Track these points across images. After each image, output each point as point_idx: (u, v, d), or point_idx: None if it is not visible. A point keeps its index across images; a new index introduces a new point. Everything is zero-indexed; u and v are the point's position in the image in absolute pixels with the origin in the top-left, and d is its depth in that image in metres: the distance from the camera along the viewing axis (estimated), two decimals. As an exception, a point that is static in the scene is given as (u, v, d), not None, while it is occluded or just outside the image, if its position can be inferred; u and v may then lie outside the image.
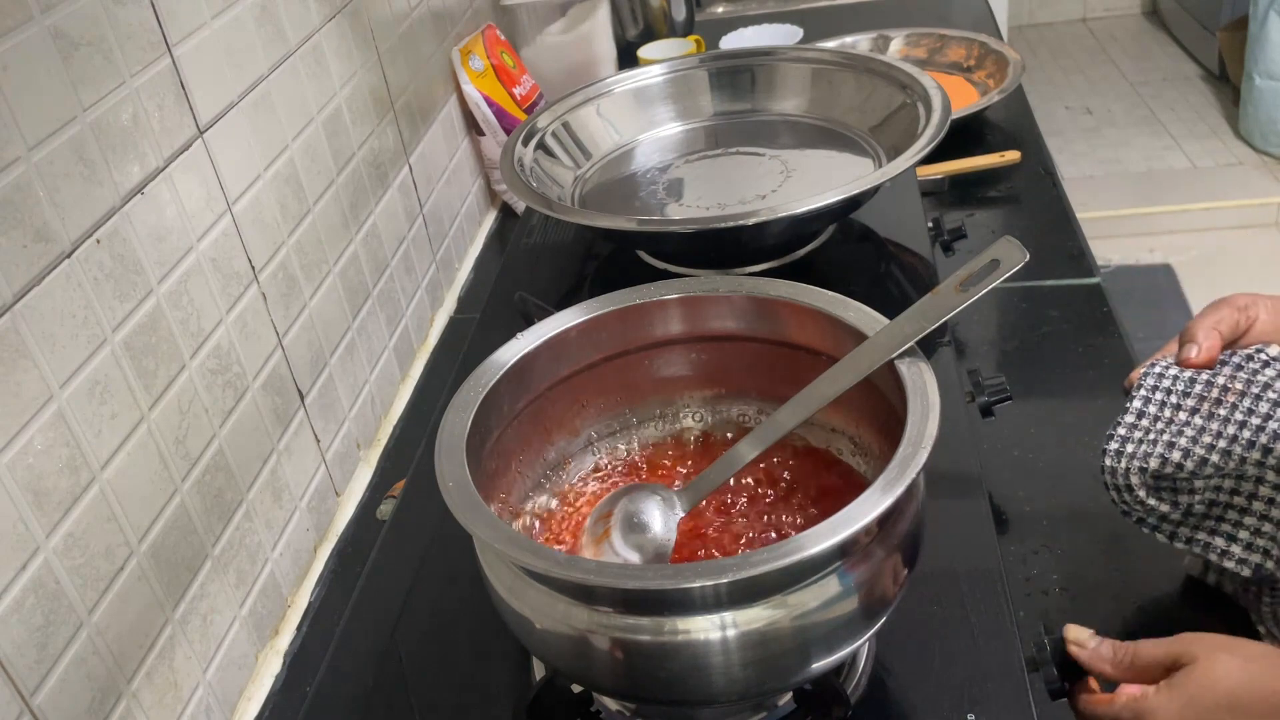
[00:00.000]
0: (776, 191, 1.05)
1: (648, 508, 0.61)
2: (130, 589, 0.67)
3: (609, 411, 0.72)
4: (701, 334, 0.70)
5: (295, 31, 0.91)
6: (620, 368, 0.70)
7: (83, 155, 0.65)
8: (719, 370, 0.72)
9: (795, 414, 0.61)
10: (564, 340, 0.68)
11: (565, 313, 0.68)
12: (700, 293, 0.68)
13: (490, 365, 0.65)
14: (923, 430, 0.54)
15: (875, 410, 0.63)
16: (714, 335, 0.70)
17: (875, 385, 0.61)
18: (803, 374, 0.62)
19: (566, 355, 0.68)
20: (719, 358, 0.71)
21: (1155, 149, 2.98)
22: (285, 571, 0.85)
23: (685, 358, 0.72)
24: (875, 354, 0.60)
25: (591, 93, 1.19)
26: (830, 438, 0.70)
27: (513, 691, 0.67)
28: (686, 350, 0.71)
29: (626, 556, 0.60)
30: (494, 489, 0.64)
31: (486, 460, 0.63)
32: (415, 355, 1.13)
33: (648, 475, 0.71)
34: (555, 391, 0.69)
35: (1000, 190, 1.23)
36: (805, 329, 0.67)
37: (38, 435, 0.60)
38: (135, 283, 0.69)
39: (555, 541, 0.67)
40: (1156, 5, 3.78)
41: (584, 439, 0.72)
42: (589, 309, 0.68)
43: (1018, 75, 1.34)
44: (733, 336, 0.70)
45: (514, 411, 0.66)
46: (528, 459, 0.69)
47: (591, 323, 0.68)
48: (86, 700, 0.63)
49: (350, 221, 0.99)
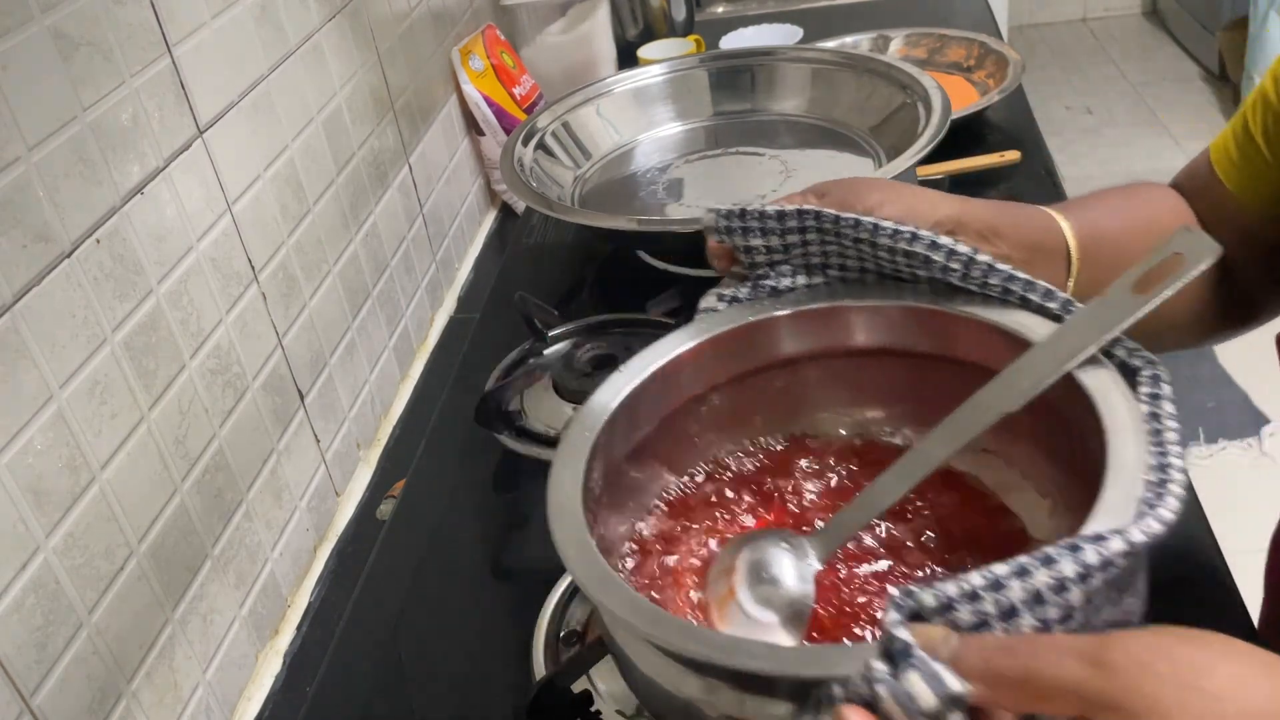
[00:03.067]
0: (776, 191, 1.05)
1: (775, 558, 0.52)
2: (130, 589, 0.67)
3: (728, 440, 0.63)
4: (830, 349, 0.61)
5: (295, 31, 0.91)
6: (738, 392, 0.62)
7: (83, 155, 0.65)
8: (853, 390, 0.62)
9: (949, 441, 0.51)
10: (676, 368, 0.59)
11: (674, 336, 0.60)
12: (821, 305, 0.60)
13: (594, 408, 0.56)
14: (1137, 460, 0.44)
15: (1043, 430, 0.54)
16: (845, 350, 0.61)
17: (1047, 403, 0.51)
18: (953, 391, 0.52)
19: (679, 383, 0.60)
20: (852, 375, 0.62)
21: (1155, 149, 2.98)
22: (285, 571, 0.85)
23: (813, 376, 0.62)
24: (1046, 366, 0.50)
25: (591, 93, 1.19)
26: (981, 463, 0.59)
27: (513, 691, 0.67)
28: (814, 368, 0.62)
29: (759, 618, 0.51)
30: (610, 538, 0.57)
31: (600, 510, 0.55)
32: (415, 355, 1.13)
33: (773, 516, 0.60)
34: (668, 425, 0.60)
35: (1000, 190, 1.22)
36: (954, 337, 0.57)
37: (38, 435, 0.60)
38: (135, 283, 0.69)
39: (676, 585, 0.57)
40: (1156, 5, 3.78)
41: (701, 471, 0.63)
42: (700, 330, 0.60)
43: (1018, 75, 1.34)
44: (866, 351, 0.61)
45: (625, 452, 0.58)
46: (642, 499, 0.60)
47: (705, 345, 0.59)
48: (86, 700, 0.63)
49: (350, 221, 0.99)
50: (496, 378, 0.93)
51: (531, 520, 0.82)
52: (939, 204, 0.60)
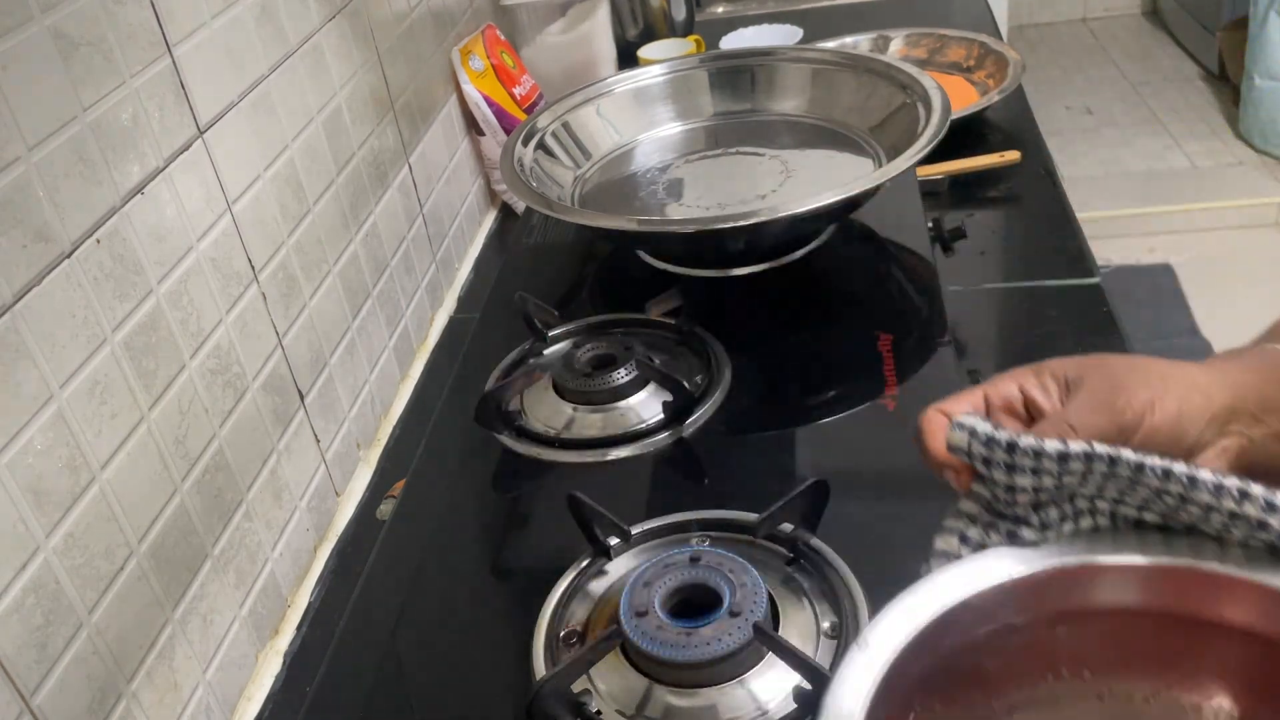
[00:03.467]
0: (776, 191, 1.05)
1: None
2: (130, 589, 0.67)
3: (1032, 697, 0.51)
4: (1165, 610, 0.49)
5: (295, 31, 0.91)
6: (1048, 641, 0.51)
7: (83, 155, 0.65)
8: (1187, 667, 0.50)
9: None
10: (980, 601, 0.49)
11: (986, 559, 0.50)
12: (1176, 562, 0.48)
13: (878, 639, 0.48)
14: None
15: None
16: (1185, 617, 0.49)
17: None
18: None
19: (980, 618, 0.50)
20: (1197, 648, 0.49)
21: (1155, 149, 2.98)
22: (285, 571, 0.85)
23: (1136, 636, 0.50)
24: None
25: (591, 93, 1.19)
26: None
27: (513, 691, 0.67)
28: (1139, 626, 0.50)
29: None
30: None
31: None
32: (415, 355, 1.13)
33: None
34: (961, 662, 0.50)
35: (1000, 190, 1.23)
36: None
37: (38, 435, 0.60)
38: (135, 283, 0.69)
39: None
40: (1156, 5, 3.78)
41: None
42: (1020, 562, 0.50)
43: (1018, 75, 1.34)
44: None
45: (908, 692, 0.49)
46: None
47: (1022, 582, 0.49)
48: (86, 700, 0.63)
49: (350, 221, 0.99)
50: (496, 378, 0.93)
51: (531, 520, 0.82)
52: (1211, 391, 0.50)
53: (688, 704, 0.61)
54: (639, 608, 0.63)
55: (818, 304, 0.99)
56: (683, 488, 0.81)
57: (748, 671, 0.62)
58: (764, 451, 0.84)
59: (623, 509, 0.73)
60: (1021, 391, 0.52)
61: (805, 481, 0.68)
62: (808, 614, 0.66)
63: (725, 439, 0.84)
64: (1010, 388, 0.52)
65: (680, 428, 0.83)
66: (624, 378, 0.86)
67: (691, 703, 0.61)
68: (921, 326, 0.93)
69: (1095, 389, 0.50)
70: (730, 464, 0.82)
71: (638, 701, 0.62)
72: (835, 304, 0.99)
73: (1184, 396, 0.50)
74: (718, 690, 0.61)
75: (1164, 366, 0.52)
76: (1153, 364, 0.52)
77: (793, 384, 0.89)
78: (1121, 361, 0.52)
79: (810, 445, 0.83)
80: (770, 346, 0.93)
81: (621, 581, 0.68)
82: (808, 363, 0.91)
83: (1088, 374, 0.51)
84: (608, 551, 0.72)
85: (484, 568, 0.80)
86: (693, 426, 0.84)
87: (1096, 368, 0.52)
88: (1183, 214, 2.66)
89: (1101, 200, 2.70)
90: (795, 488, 0.69)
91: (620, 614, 0.63)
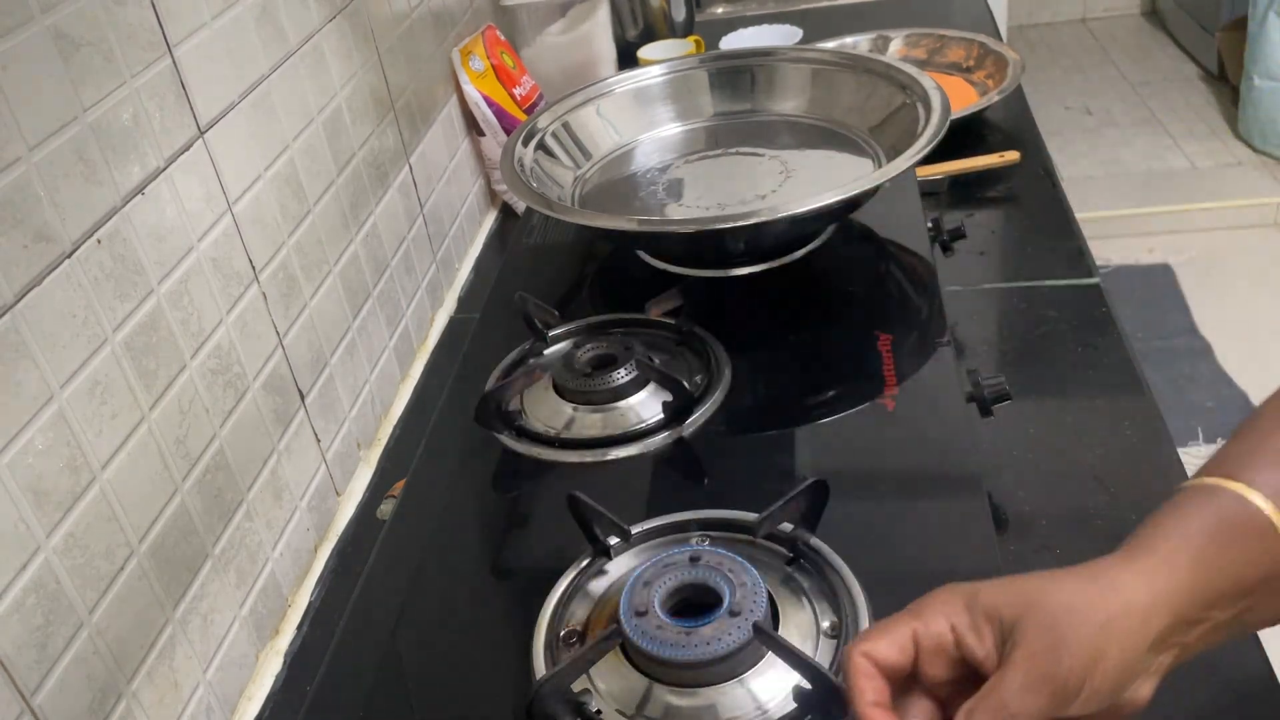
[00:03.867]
0: (776, 192, 1.05)
1: None
2: (130, 589, 0.67)
3: None
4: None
5: (295, 32, 0.91)
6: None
7: (83, 155, 0.65)
8: None
9: None
10: None
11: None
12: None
13: None
14: None
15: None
16: None
17: None
18: None
19: None
20: None
21: (1155, 149, 2.98)
22: (285, 571, 0.85)
23: None
24: None
25: (591, 93, 1.19)
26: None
27: (513, 691, 0.67)
28: None
29: None
30: None
31: None
32: (415, 355, 1.13)
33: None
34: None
35: (1000, 190, 1.23)
36: None
37: (38, 435, 0.60)
38: (136, 283, 0.69)
39: None
40: (1156, 5, 3.78)
41: None
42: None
43: (1017, 75, 1.34)
44: None
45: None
46: None
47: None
48: (87, 700, 0.63)
49: (350, 221, 0.99)
50: (496, 378, 0.93)
51: (531, 520, 0.82)
52: (1150, 616, 0.46)
53: (687, 703, 0.61)
54: (639, 607, 0.63)
55: (818, 304, 0.99)
56: (683, 488, 0.81)
57: (747, 671, 0.62)
58: (764, 451, 0.84)
59: (623, 509, 0.73)
60: (954, 632, 0.48)
61: (805, 481, 0.68)
62: (807, 614, 0.66)
63: (725, 439, 0.84)
64: (941, 626, 0.48)
65: (680, 428, 0.83)
66: (624, 378, 0.86)
67: (691, 702, 0.61)
68: (921, 326, 0.93)
69: (1033, 651, 0.46)
70: (730, 464, 0.82)
71: (638, 701, 0.62)
72: (835, 304, 0.99)
73: (1126, 643, 0.46)
74: (717, 690, 0.61)
75: (1105, 603, 0.46)
76: (1093, 602, 0.46)
77: (792, 384, 0.89)
78: (1059, 602, 0.46)
79: (810, 445, 0.83)
80: (770, 346, 0.93)
81: (621, 581, 0.68)
82: (807, 363, 0.91)
83: (1024, 622, 0.46)
84: (608, 551, 0.72)
85: (484, 568, 0.80)
86: (693, 426, 0.84)
87: (1033, 613, 0.46)
88: (1182, 214, 2.66)
89: (1101, 200, 2.71)
90: (795, 488, 0.69)
91: (620, 613, 0.63)
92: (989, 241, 1.15)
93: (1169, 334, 2.34)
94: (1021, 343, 1.00)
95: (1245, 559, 0.48)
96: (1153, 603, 0.46)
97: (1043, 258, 1.10)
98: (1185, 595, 0.47)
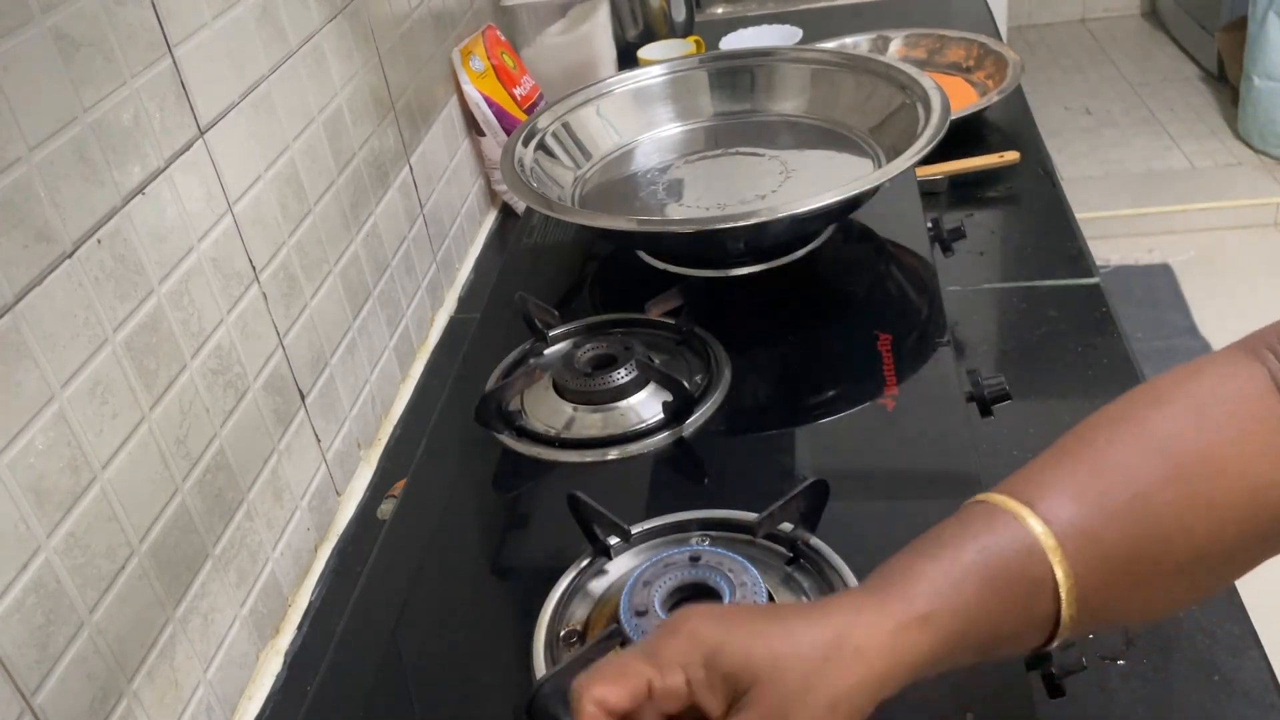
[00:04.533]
0: (776, 192, 1.05)
1: None
2: (131, 588, 0.67)
3: None
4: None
5: (296, 32, 0.91)
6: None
7: (84, 155, 0.65)
8: None
9: None
10: None
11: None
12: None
13: None
14: None
15: None
16: None
17: None
18: None
19: None
20: None
21: (1154, 149, 2.98)
22: (286, 571, 0.85)
23: None
24: None
25: (591, 93, 1.19)
26: None
27: (513, 691, 0.67)
28: None
29: None
30: None
31: None
32: (415, 355, 1.13)
33: None
34: None
35: (999, 190, 1.23)
36: None
37: (39, 435, 0.60)
38: (136, 283, 0.69)
39: None
40: (1156, 5, 3.78)
41: None
42: None
43: (1017, 75, 1.34)
44: None
45: None
46: None
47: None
48: (87, 699, 0.63)
49: (351, 222, 0.99)
50: (496, 378, 0.93)
51: (531, 520, 0.82)
52: (886, 684, 0.46)
53: (688, 703, 0.61)
54: (639, 607, 0.63)
55: (817, 304, 0.99)
56: (683, 487, 0.81)
57: (747, 671, 0.62)
58: (764, 451, 0.84)
59: (623, 509, 0.73)
60: (689, 685, 0.47)
61: (805, 481, 0.69)
62: (807, 613, 0.66)
63: (725, 439, 0.84)
64: (677, 680, 0.47)
65: (680, 428, 0.84)
66: (624, 378, 0.86)
67: (691, 702, 0.61)
68: (921, 326, 0.93)
69: (762, 716, 0.45)
70: (730, 464, 0.82)
71: (638, 701, 0.62)
72: (835, 304, 0.99)
73: (855, 711, 0.45)
74: (718, 689, 0.61)
75: (841, 677, 0.45)
76: (829, 678, 0.45)
77: (792, 384, 0.89)
78: (796, 674, 0.45)
79: (810, 445, 0.83)
80: (770, 346, 0.93)
81: (621, 581, 0.69)
82: (807, 363, 0.91)
83: (759, 686, 0.46)
84: (608, 551, 0.72)
85: (484, 568, 0.80)
86: (693, 426, 0.84)
87: (769, 679, 0.45)
88: (1181, 214, 2.67)
89: (1100, 200, 2.71)
90: (795, 487, 0.69)
91: (620, 613, 0.63)
92: (989, 241, 1.15)
93: (1169, 334, 2.34)
94: (1021, 343, 1.00)
95: (1004, 608, 0.47)
96: (893, 668, 0.46)
97: (1042, 258, 1.10)
98: (930, 657, 0.46)
